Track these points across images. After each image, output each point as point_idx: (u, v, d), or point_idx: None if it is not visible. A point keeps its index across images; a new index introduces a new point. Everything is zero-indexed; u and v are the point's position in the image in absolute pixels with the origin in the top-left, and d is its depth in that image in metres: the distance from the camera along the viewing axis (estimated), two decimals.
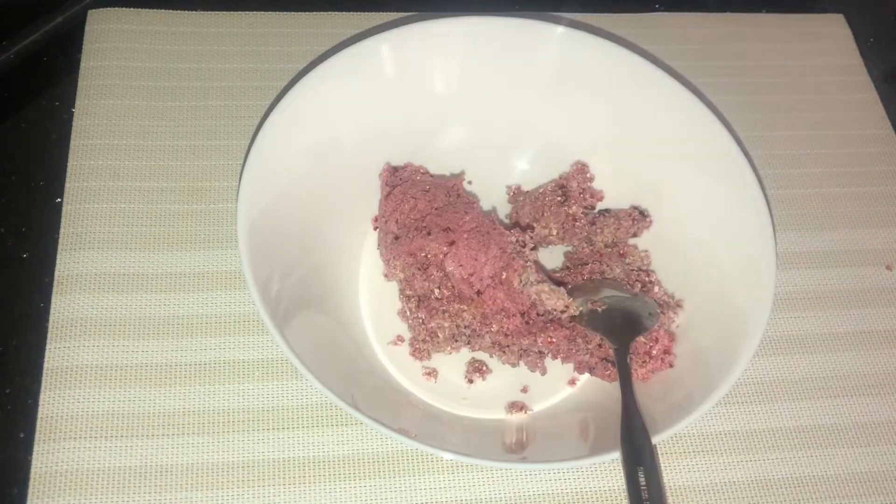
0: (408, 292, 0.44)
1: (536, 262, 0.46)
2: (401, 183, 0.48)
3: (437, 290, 0.43)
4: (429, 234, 0.44)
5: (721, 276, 0.45)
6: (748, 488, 0.44)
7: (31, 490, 0.40)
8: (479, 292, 0.43)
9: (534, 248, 0.45)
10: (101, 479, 0.41)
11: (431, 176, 0.50)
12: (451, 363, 0.46)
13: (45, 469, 0.41)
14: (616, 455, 0.38)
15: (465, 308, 0.43)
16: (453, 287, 0.43)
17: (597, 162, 0.51)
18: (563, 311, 0.43)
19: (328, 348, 0.43)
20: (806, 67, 0.62)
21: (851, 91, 0.61)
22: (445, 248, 0.43)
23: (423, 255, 0.43)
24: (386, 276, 0.47)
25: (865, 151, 0.58)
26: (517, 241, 0.45)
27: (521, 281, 0.43)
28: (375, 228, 0.50)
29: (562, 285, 0.46)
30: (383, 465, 0.43)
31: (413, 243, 0.44)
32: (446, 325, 0.43)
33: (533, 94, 0.51)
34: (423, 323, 0.44)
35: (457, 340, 0.44)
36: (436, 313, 0.43)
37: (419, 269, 0.43)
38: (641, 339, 0.44)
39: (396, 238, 0.45)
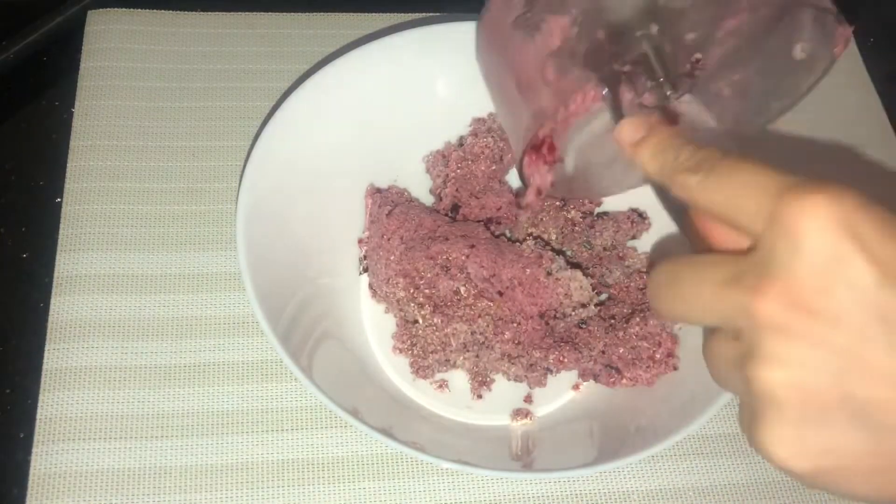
0: (420, 300, 0.44)
1: (562, 255, 0.47)
2: (393, 206, 0.47)
3: (462, 289, 0.43)
4: (446, 240, 0.44)
5: None
6: (749, 490, 0.44)
7: (30, 490, 0.40)
8: (500, 293, 0.43)
9: (551, 250, 0.46)
10: (101, 480, 0.41)
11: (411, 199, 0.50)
12: (455, 374, 0.46)
13: (45, 470, 0.41)
14: (622, 462, 0.38)
15: (491, 304, 0.43)
16: (476, 285, 0.43)
17: None
18: (583, 306, 0.44)
19: (329, 356, 0.43)
20: None
21: (851, 92, 0.61)
22: (467, 251, 0.43)
23: (445, 257, 0.44)
24: (376, 297, 0.47)
25: (866, 153, 0.58)
26: (535, 242, 0.45)
27: (550, 271, 0.44)
28: (363, 257, 0.49)
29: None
30: (383, 467, 0.43)
31: (432, 248, 0.44)
32: (464, 329, 0.43)
33: None
34: (437, 330, 0.44)
35: (468, 350, 0.44)
36: (453, 318, 0.43)
37: (442, 270, 0.43)
38: (645, 344, 0.44)
39: (409, 249, 0.44)
